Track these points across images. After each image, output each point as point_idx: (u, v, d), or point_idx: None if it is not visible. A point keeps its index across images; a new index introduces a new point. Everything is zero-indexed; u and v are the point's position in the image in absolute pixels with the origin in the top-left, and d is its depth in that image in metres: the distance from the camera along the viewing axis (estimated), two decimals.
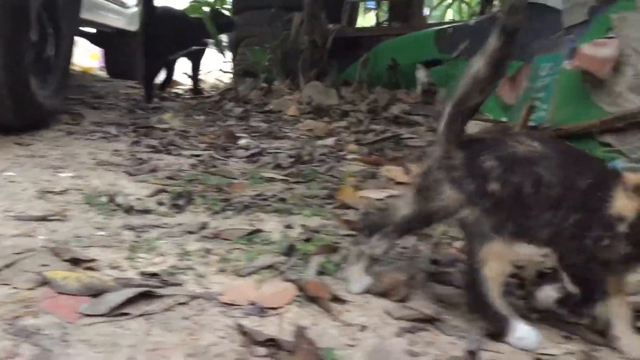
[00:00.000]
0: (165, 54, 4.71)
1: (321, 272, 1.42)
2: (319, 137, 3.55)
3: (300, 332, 1.10)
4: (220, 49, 5.04)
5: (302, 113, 4.58)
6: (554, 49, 3.39)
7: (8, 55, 2.48)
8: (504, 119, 3.71)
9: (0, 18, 2.44)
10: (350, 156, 2.88)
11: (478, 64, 1.17)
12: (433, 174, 1.22)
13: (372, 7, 7.48)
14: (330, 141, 3.32)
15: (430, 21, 6.43)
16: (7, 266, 1.27)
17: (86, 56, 9.98)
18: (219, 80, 6.90)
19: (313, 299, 1.28)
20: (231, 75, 6.56)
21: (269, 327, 1.17)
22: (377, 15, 6.60)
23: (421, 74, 4.70)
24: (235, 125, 3.89)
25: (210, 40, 5.12)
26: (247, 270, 1.40)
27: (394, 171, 2.47)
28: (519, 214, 1.18)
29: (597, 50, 2.93)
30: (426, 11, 8.21)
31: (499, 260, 1.19)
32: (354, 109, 4.66)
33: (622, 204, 1.14)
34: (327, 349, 1.09)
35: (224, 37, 6.76)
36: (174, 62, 5.54)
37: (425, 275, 1.42)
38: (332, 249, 1.54)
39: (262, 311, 1.23)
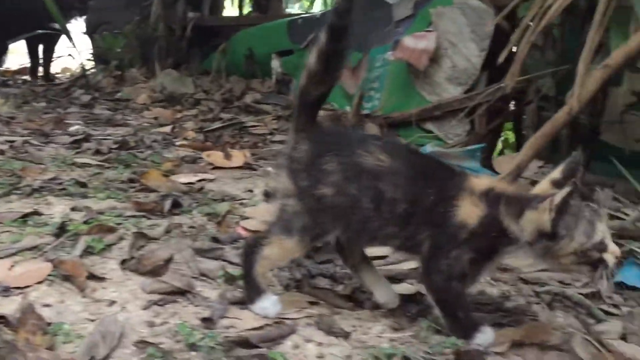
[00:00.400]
0: (3, 38, 4.43)
1: (89, 252, 1.42)
2: (162, 125, 3.51)
3: (27, 308, 1.09)
4: (67, 33, 4.80)
5: (153, 101, 4.49)
6: (386, 41, 3.56)
7: None
8: (347, 108, 3.85)
9: None
10: (179, 142, 2.88)
11: (310, 59, 1.20)
12: (280, 159, 1.24)
13: None
14: (168, 128, 3.29)
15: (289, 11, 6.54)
16: None
17: None
18: (82, 66, 6.60)
19: (67, 277, 1.28)
20: (92, 62, 6.30)
21: (9, 306, 1.15)
22: (241, 5, 6.60)
23: (275, 64, 4.77)
24: (75, 113, 3.75)
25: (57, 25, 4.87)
26: (6, 252, 1.37)
27: (215, 156, 2.50)
28: (354, 224, 1.17)
29: (416, 43, 3.12)
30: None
31: (284, 253, 1.22)
32: (208, 97, 4.65)
33: (466, 212, 1.15)
34: (58, 323, 1.10)
35: (82, 22, 6.48)
36: (35, 46, 5.25)
37: (192, 252, 1.45)
38: (107, 229, 1.53)
39: (6, 291, 1.21)
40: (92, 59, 6.07)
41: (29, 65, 5.89)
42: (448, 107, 3.03)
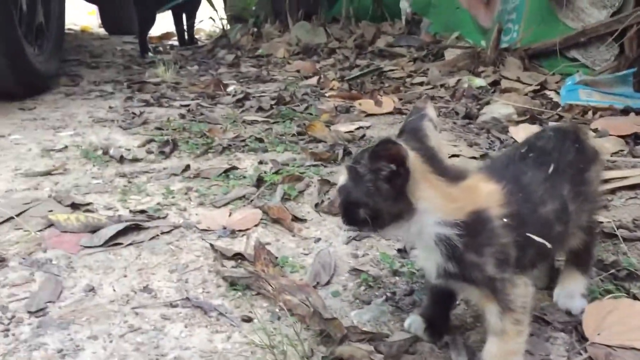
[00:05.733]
0: (155, 6, 4.84)
1: (285, 198, 1.66)
2: (306, 77, 3.73)
3: (259, 245, 1.34)
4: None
5: (291, 54, 4.73)
6: None
7: (2, 29, 2.66)
8: (482, 43, 3.84)
9: None
10: (329, 93, 3.07)
11: None
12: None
13: None
14: (313, 80, 3.50)
15: None
16: (19, 214, 1.52)
17: (84, 14, 10.04)
18: (216, 27, 7.00)
19: (276, 220, 1.52)
20: (225, 23, 6.66)
21: (238, 245, 1.42)
22: None
23: (404, 4, 4.80)
24: (225, 73, 4.07)
25: None
26: (221, 202, 1.64)
27: (366, 104, 2.66)
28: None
29: None
30: None
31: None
32: (341, 45, 4.81)
33: None
34: (283, 257, 1.34)
35: None
36: (179, 14, 5.68)
37: None
38: (296, 178, 1.77)
39: (232, 233, 1.47)
40: (227, 19, 6.42)
41: (170, 31, 6.39)
42: (594, 32, 2.95)
